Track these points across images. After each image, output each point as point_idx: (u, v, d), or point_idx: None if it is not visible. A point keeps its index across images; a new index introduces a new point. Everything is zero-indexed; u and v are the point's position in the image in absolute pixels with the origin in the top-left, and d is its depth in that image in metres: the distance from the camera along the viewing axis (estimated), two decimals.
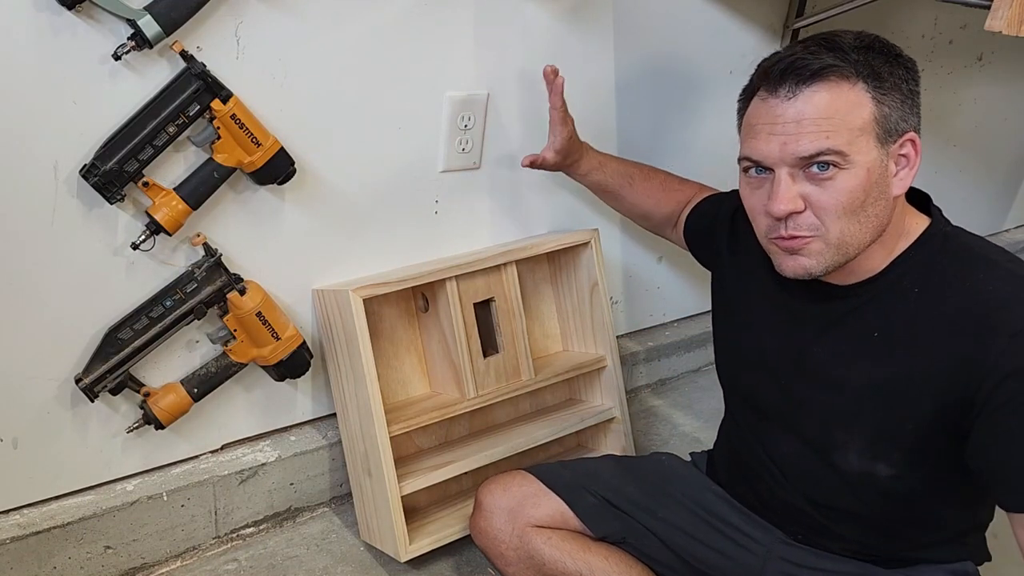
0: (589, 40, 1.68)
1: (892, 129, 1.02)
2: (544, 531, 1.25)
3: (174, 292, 1.34)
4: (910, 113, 1.04)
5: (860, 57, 1.02)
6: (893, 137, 1.03)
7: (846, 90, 1.01)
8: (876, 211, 1.04)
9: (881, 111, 1.01)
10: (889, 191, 1.04)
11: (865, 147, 1.01)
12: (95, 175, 1.21)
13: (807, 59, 1.02)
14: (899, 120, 1.03)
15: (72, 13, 1.16)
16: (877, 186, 1.03)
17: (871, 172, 1.02)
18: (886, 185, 1.04)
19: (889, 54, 1.04)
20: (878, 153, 1.02)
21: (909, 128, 1.04)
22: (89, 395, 1.30)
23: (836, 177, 1.01)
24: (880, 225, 1.05)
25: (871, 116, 1.01)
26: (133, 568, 1.44)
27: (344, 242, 1.52)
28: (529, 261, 1.69)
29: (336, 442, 1.58)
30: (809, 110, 1.01)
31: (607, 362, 1.70)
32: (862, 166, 1.01)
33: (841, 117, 1.00)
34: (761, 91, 1.05)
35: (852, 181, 1.01)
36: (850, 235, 1.04)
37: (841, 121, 1.00)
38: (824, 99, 1.01)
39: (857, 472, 1.12)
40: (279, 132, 1.35)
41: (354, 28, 1.40)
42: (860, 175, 1.01)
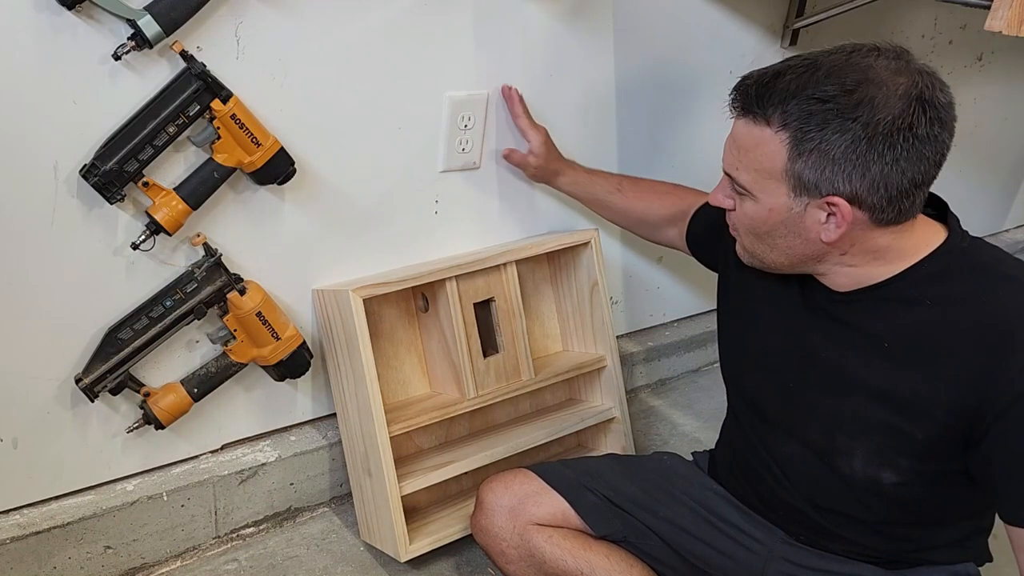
0: (589, 40, 1.68)
1: (810, 186, 1.01)
2: (545, 529, 1.25)
3: (174, 292, 1.34)
4: (841, 177, 0.99)
5: (798, 109, 0.99)
6: (813, 193, 1.01)
7: (767, 136, 1.02)
8: (789, 244, 1.07)
9: (794, 167, 1.01)
10: (809, 234, 1.05)
11: (772, 190, 1.04)
12: (95, 175, 1.21)
13: (752, 92, 1.03)
14: (818, 181, 1.00)
15: (72, 13, 1.16)
16: (784, 225, 1.05)
17: (774, 212, 1.05)
18: (802, 228, 1.05)
19: (843, 115, 0.97)
20: (788, 200, 1.03)
21: (832, 191, 1.00)
22: (89, 395, 1.30)
23: (744, 200, 1.08)
24: (802, 255, 1.08)
25: (782, 167, 1.01)
26: (133, 568, 1.44)
27: (344, 242, 1.52)
28: (529, 261, 1.69)
29: (336, 442, 1.58)
30: (737, 135, 1.06)
31: (607, 362, 1.70)
32: (765, 204, 1.05)
33: (754, 156, 1.04)
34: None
35: (754, 211, 1.07)
36: (759, 251, 1.11)
37: (752, 160, 1.04)
38: (746, 135, 1.04)
39: (861, 478, 1.11)
40: (279, 132, 1.35)
41: (354, 28, 1.40)
42: (762, 210, 1.06)
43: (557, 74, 1.66)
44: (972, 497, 1.10)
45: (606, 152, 1.80)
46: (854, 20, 1.91)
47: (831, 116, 0.98)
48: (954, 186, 1.07)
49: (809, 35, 1.97)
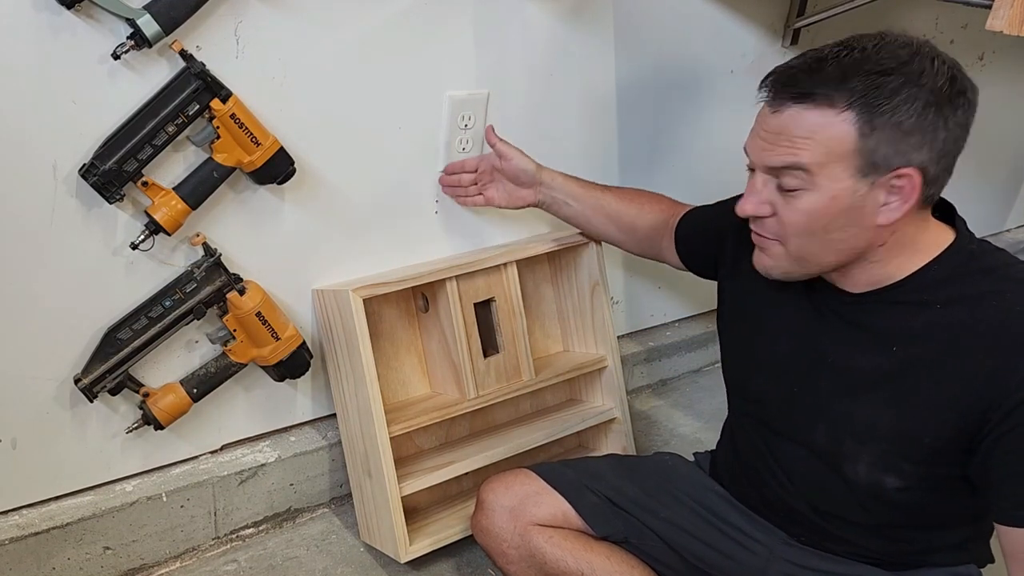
0: (589, 40, 1.68)
1: (879, 163, 0.99)
2: (546, 530, 1.25)
3: (173, 292, 1.34)
4: (913, 149, 0.99)
5: (862, 84, 0.98)
6: (881, 170, 1.00)
7: (830, 116, 0.99)
8: (843, 236, 1.04)
9: (866, 143, 0.98)
10: (867, 220, 1.02)
11: (837, 174, 1.00)
12: (94, 175, 1.21)
13: (798, 78, 1.01)
14: (892, 155, 0.99)
15: (72, 13, 1.16)
16: (846, 214, 1.02)
17: (837, 199, 1.01)
18: (861, 213, 1.02)
19: (911, 83, 0.98)
20: (853, 183, 1.00)
21: (905, 163, 0.99)
22: (88, 395, 1.30)
23: (799, 197, 1.03)
24: (851, 249, 1.05)
25: (852, 146, 0.99)
26: (132, 569, 1.43)
27: (344, 242, 1.52)
28: (529, 261, 1.68)
29: (336, 442, 1.58)
30: (790, 126, 1.02)
31: (608, 362, 1.70)
32: (827, 191, 1.01)
33: (818, 139, 1.00)
34: (760, 93, 1.06)
35: (812, 204, 1.02)
36: (810, 253, 1.06)
37: (817, 143, 1.00)
38: (804, 119, 1.00)
39: (865, 483, 1.11)
40: (279, 132, 1.35)
41: (354, 28, 1.40)
42: (823, 200, 1.02)
43: (557, 74, 1.66)
44: (974, 502, 1.10)
45: (606, 152, 1.80)
46: (855, 20, 1.91)
47: (898, 86, 0.98)
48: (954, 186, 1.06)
49: (810, 35, 1.97)
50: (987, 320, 1.02)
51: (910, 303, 1.07)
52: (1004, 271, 1.06)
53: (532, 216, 1.73)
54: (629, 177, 1.85)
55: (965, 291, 1.04)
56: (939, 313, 1.05)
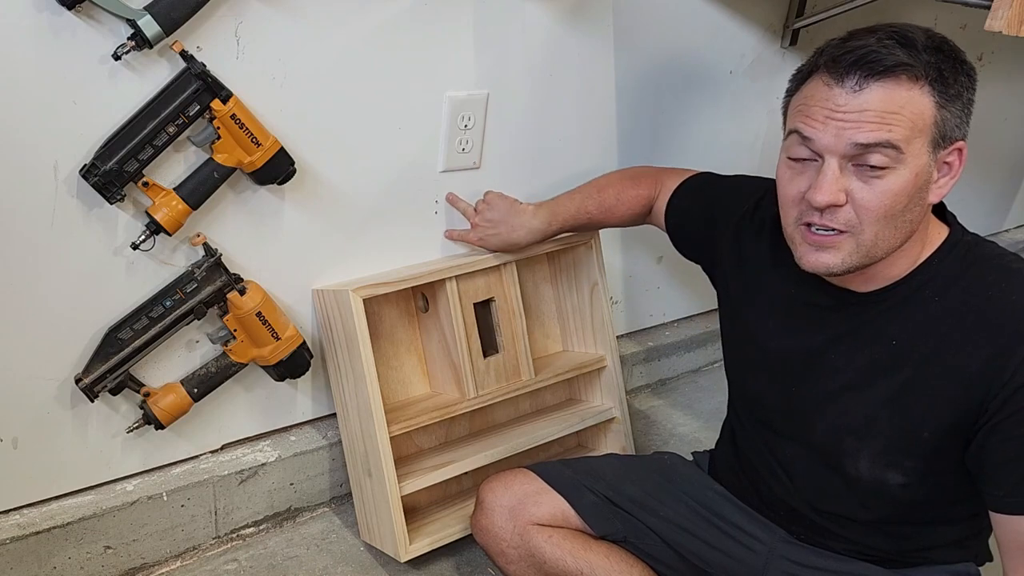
0: (589, 40, 1.68)
1: (947, 135, 1.01)
2: (545, 529, 1.25)
3: (174, 292, 1.34)
4: (964, 122, 1.03)
5: (931, 58, 0.99)
6: (945, 143, 1.01)
7: (914, 90, 0.99)
8: (912, 216, 1.03)
9: (942, 115, 1.00)
10: (925, 198, 1.03)
11: (919, 149, 1.00)
12: (95, 175, 1.21)
13: (880, 53, 0.99)
14: (955, 127, 1.01)
15: (72, 13, 1.16)
16: (919, 191, 1.02)
17: (918, 176, 1.00)
18: (925, 191, 1.03)
19: (957, 60, 1.01)
20: (928, 158, 1.01)
21: (961, 136, 1.03)
22: (89, 395, 1.30)
23: (885, 177, 1.00)
24: (911, 231, 1.05)
25: (932, 119, 1.00)
26: (133, 568, 1.44)
27: (344, 242, 1.52)
28: (529, 261, 1.69)
29: (336, 442, 1.58)
30: (875, 102, 0.98)
31: (607, 362, 1.70)
32: (912, 168, 1.00)
33: (905, 114, 0.99)
34: (825, 76, 1.02)
35: (899, 183, 1.00)
36: (883, 239, 1.03)
37: (904, 118, 0.99)
38: (890, 95, 0.99)
39: (867, 480, 1.11)
40: (279, 132, 1.35)
41: (354, 28, 1.40)
42: (908, 177, 1.00)
43: (557, 74, 1.66)
44: (973, 498, 1.10)
45: (606, 152, 1.80)
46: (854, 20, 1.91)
47: (952, 62, 1.01)
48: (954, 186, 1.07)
49: (809, 35, 1.97)
50: (983, 310, 1.03)
51: (913, 299, 1.07)
52: (999, 261, 1.07)
53: None
54: None
55: (963, 283, 1.05)
56: (938, 306, 1.06)
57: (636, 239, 1.93)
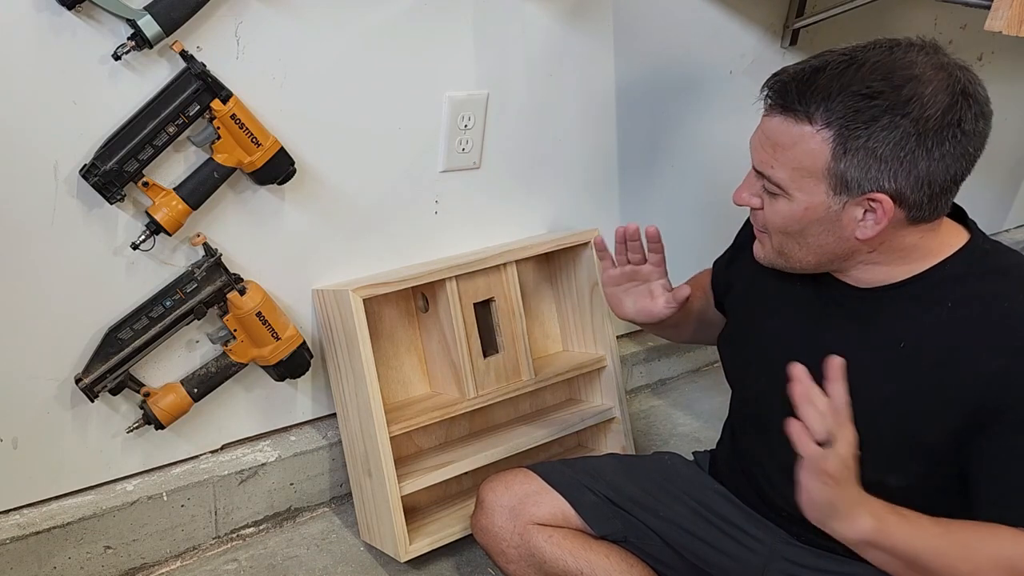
0: (589, 40, 1.68)
1: (851, 185, 1.00)
2: (545, 529, 1.25)
3: (174, 292, 1.34)
4: (886, 175, 0.98)
5: (844, 106, 0.97)
6: (854, 192, 1.00)
7: (807, 133, 1.00)
8: (821, 241, 1.05)
9: (837, 166, 0.99)
10: (845, 232, 1.03)
11: (810, 188, 1.02)
12: (95, 175, 1.21)
13: (790, 89, 1.01)
14: (862, 180, 0.99)
15: (72, 13, 1.16)
16: (820, 223, 1.03)
17: (810, 211, 1.03)
18: (837, 226, 1.03)
19: (895, 111, 0.96)
20: (826, 198, 1.01)
21: (876, 188, 0.99)
22: (89, 395, 1.30)
23: (777, 200, 1.05)
24: (831, 253, 1.06)
25: (824, 165, 0.99)
26: (133, 568, 1.44)
27: (344, 242, 1.52)
28: (529, 261, 1.69)
29: (336, 442, 1.58)
30: (771, 134, 1.04)
31: (607, 362, 1.70)
32: (800, 203, 1.03)
33: (792, 154, 1.01)
34: (761, 94, 1.07)
35: (788, 210, 1.04)
36: (788, 250, 1.09)
37: (791, 158, 1.01)
38: (783, 133, 1.02)
39: (866, 481, 1.11)
40: (279, 132, 1.35)
41: (354, 28, 1.40)
42: (797, 209, 1.04)
43: (557, 74, 1.66)
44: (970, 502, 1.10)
45: (606, 152, 1.80)
46: (854, 20, 1.91)
47: (879, 113, 0.97)
48: None
49: (809, 35, 1.97)
50: (993, 320, 1.02)
51: (919, 301, 1.06)
52: (1018, 272, 1.06)
53: (532, 216, 1.74)
54: (629, 177, 1.85)
55: (977, 291, 1.04)
56: (949, 312, 1.05)
57: None
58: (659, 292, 1.30)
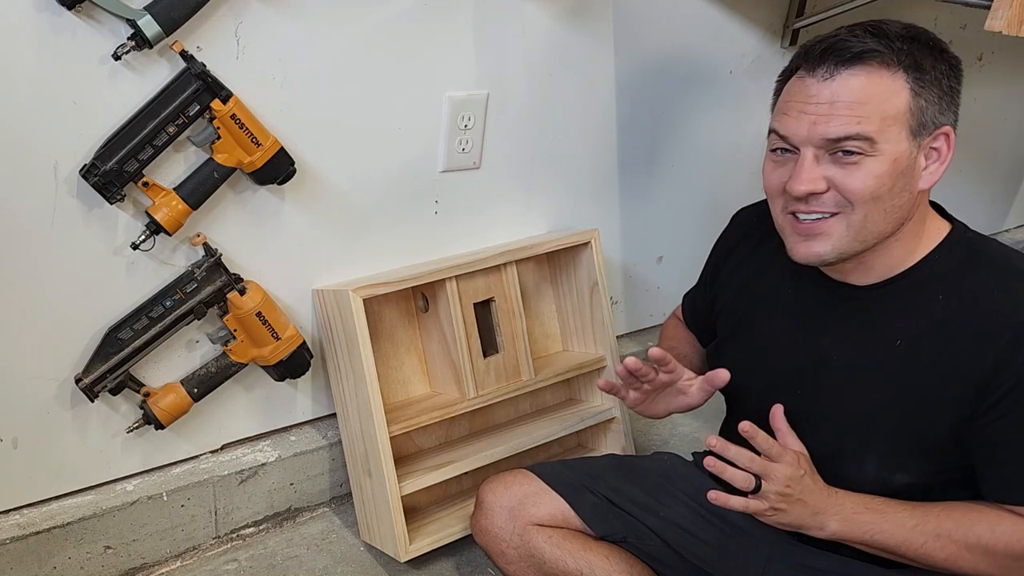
0: (589, 40, 1.68)
1: (927, 122, 1.02)
2: (545, 530, 1.25)
3: (174, 292, 1.34)
4: (947, 109, 1.04)
5: (904, 46, 1.01)
6: (927, 130, 1.03)
7: (885, 77, 1.01)
8: (899, 202, 1.04)
9: (917, 103, 1.01)
10: (915, 184, 1.04)
11: (895, 137, 1.01)
12: (95, 175, 1.21)
13: (850, 41, 1.01)
14: (935, 114, 1.02)
15: (72, 13, 1.16)
16: (903, 177, 1.03)
17: (898, 162, 1.02)
18: (912, 177, 1.04)
19: (935, 48, 1.03)
20: (908, 145, 1.02)
21: (945, 123, 1.04)
22: (89, 395, 1.30)
23: (861, 163, 1.01)
24: (901, 217, 1.05)
25: (906, 106, 1.01)
26: (133, 568, 1.44)
27: (344, 242, 1.52)
28: (529, 261, 1.69)
29: (336, 442, 1.58)
30: (844, 92, 1.01)
31: (607, 362, 1.70)
32: (889, 155, 1.01)
33: (876, 104, 1.00)
34: (800, 70, 1.05)
35: (878, 168, 1.01)
36: (872, 221, 1.04)
37: (875, 108, 1.00)
38: (861, 83, 1.01)
39: (871, 481, 1.11)
40: (279, 132, 1.35)
41: (354, 28, 1.40)
42: (886, 164, 1.01)
43: (557, 74, 1.66)
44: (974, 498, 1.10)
45: (606, 152, 1.80)
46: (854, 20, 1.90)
47: (929, 49, 1.03)
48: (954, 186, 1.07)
49: (809, 35, 1.96)
50: (989, 310, 1.03)
51: (916, 294, 1.07)
52: (1004, 259, 1.07)
53: (532, 216, 1.74)
54: (628, 177, 1.85)
55: (969, 283, 1.05)
56: (943, 306, 1.06)
57: (636, 239, 1.93)
58: (687, 387, 1.23)
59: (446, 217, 1.62)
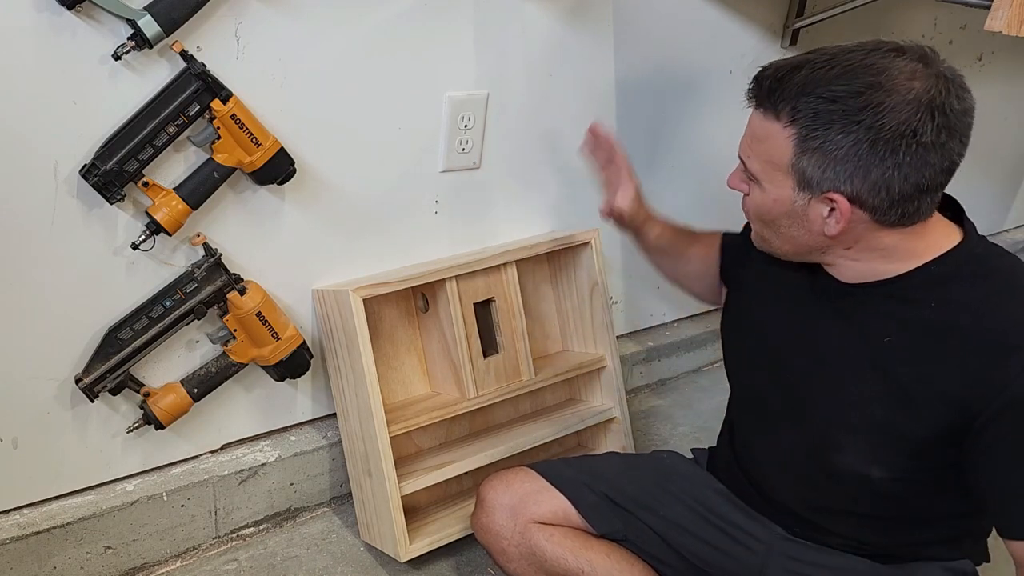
0: (589, 40, 1.68)
1: (811, 183, 1.02)
2: (546, 528, 1.25)
3: (174, 292, 1.34)
4: (842, 176, 1.00)
5: (808, 106, 1.00)
6: (815, 190, 1.03)
7: (776, 129, 1.03)
8: (791, 233, 1.08)
9: (799, 163, 1.02)
10: (813, 226, 1.06)
11: (779, 182, 1.05)
12: (95, 175, 1.21)
13: (765, 85, 1.04)
14: (820, 179, 1.01)
15: (72, 13, 1.16)
16: (788, 216, 1.07)
17: (779, 203, 1.06)
18: (806, 220, 1.06)
19: (849, 116, 0.98)
20: (792, 193, 1.05)
21: (833, 190, 1.01)
22: (89, 395, 1.30)
23: (753, 189, 1.10)
24: (803, 245, 1.09)
25: (788, 162, 1.03)
26: (133, 568, 1.44)
27: (344, 242, 1.52)
28: (529, 261, 1.69)
29: (336, 442, 1.58)
30: (751, 125, 1.08)
31: (607, 362, 1.70)
32: (770, 194, 1.07)
33: (764, 148, 1.05)
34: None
35: (761, 200, 1.09)
36: (767, 237, 1.13)
37: (762, 150, 1.06)
38: (757, 126, 1.06)
39: (850, 473, 1.12)
40: (279, 132, 1.35)
41: (354, 28, 1.40)
42: (767, 200, 1.08)
43: (557, 74, 1.66)
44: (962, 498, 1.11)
45: None
46: (854, 20, 1.92)
47: (836, 116, 0.99)
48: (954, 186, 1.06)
49: (809, 35, 1.97)
50: (978, 321, 1.03)
51: (904, 299, 1.07)
52: (1006, 275, 1.06)
53: (532, 216, 1.74)
54: None
55: (961, 292, 1.05)
56: (933, 311, 1.05)
57: None
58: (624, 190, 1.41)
59: (446, 217, 1.62)
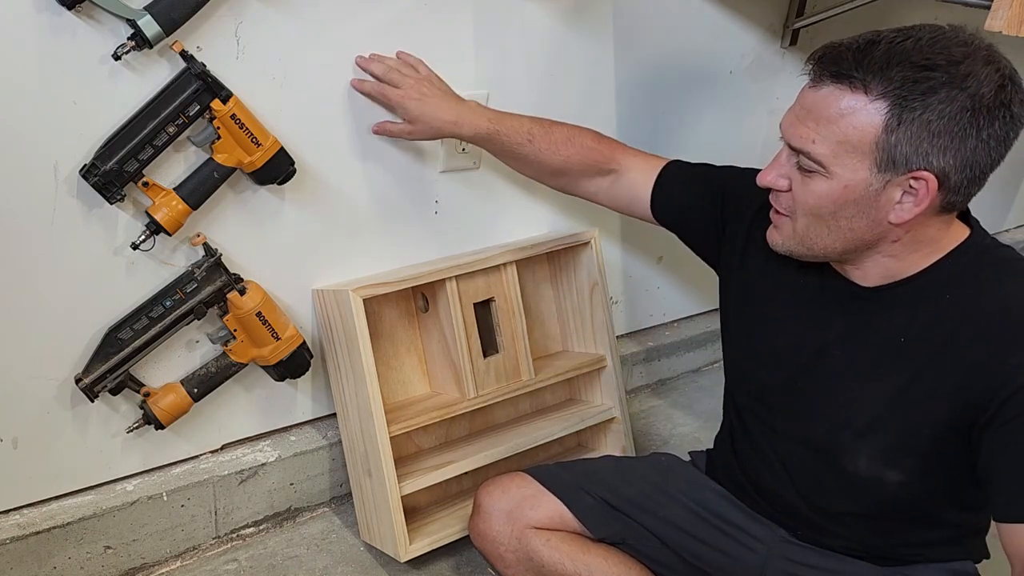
0: (589, 40, 1.68)
1: (898, 161, 0.97)
2: (543, 533, 1.25)
3: (174, 292, 1.34)
4: (936, 151, 0.96)
5: (902, 75, 0.95)
6: (899, 168, 0.98)
7: (860, 104, 0.97)
8: (852, 225, 1.03)
9: (888, 139, 0.96)
10: (879, 214, 1.01)
11: (853, 165, 0.99)
12: (95, 175, 1.21)
13: (846, 57, 0.98)
14: (912, 155, 0.96)
15: (72, 13, 1.16)
16: (856, 204, 1.01)
17: (850, 189, 1.00)
18: (874, 207, 1.01)
19: (952, 84, 0.95)
20: (868, 175, 0.99)
21: (925, 165, 0.97)
22: (89, 395, 1.30)
23: (813, 178, 1.02)
24: (859, 240, 1.04)
25: (873, 139, 0.97)
26: (133, 568, 1.44)
27: (344, 242, 1.52)
28: (529, 261, 1.69)
29: (336, 442, 1.58)
30: (819, 105, 1.00)
31: (607, 362, 1.70)
32: (841, 180, 1.00)
33: (839, 128, 0.98)
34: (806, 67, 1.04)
35: (825, 189, 1.02)
36: (814, 235, 1.06)
37: (837, 131, 0.98)
38: (831, 104, 0.98)
39: (864, 477, 1.11)
40: (279, 132, 1.35)
41: (354, 28, 1.40)
42: (835, 188, 1.01)
43: (557, 74, 1.66)
44: (973, 496, 1.10)
45: None
46: (854, 20, 1.91)
47: (938, 85, 0.95)
48: None
49: (809, 35, 1.97)
50: (986, 311, 1.03)
51: (922, 296, 1.07)
52: (1012, 265, 1.06)
53: (532, 216, 1.74)
54: None
55: (972, 285, 1.05)
56: (946, 304, 1.05)
57: (636, 239, 1.93)
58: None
59: (446, 217, 1.62)
